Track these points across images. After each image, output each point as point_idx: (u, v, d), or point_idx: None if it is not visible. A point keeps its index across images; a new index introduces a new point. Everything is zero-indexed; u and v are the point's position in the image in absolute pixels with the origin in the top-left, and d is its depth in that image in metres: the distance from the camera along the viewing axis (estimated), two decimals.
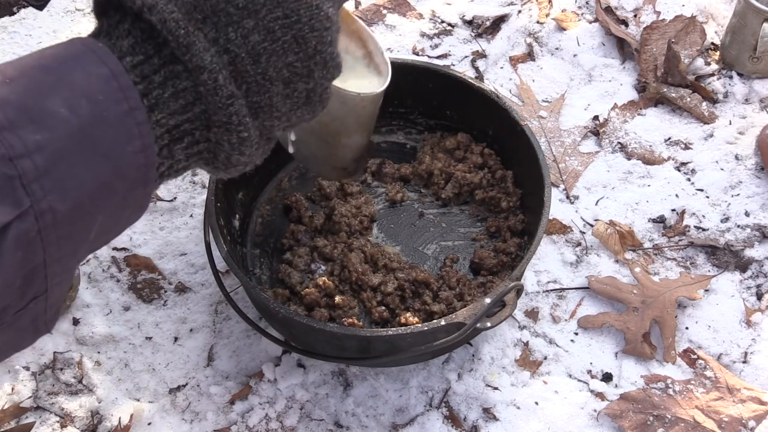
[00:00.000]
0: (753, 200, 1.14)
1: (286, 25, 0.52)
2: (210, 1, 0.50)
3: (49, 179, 0.43)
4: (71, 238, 0.46)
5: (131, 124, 0.47)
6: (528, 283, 1.06)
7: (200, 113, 0.51)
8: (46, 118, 0.43)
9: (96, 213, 0.47)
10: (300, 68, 0.54)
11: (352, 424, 0.95)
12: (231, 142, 0.52)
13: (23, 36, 1.39)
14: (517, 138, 1.04)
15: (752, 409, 0.94)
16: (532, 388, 0.97)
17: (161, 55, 0.49)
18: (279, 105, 0.55)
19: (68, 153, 0.44)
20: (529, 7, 1.43)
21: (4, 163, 0.41)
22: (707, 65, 1.32)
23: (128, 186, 0.48)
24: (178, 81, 0.49)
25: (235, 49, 0.50)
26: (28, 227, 0.42)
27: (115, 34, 0.49)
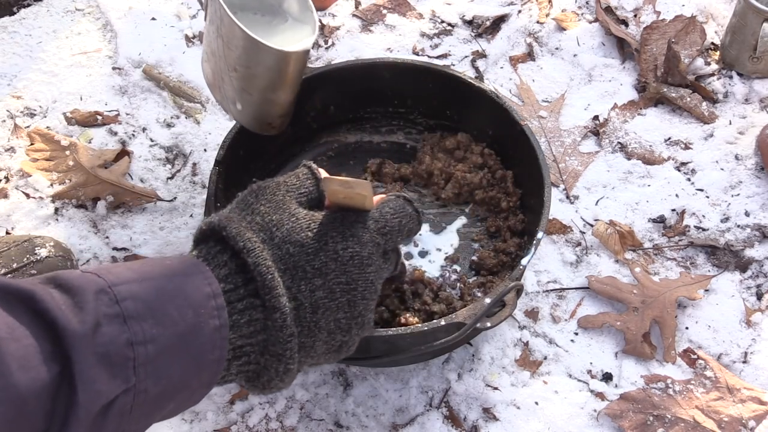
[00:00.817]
0: (753, 200, 1.14)
1: (345, 290, 0.65)
2: (293, 258, 0.63)
3: (151, 366, 0.52)
4: (147, 416, 0.55)
5: (217, 338, 0.57)
6: (528, 283, 1.06)
7: (261, 341, 0.61)
8: (163, 318, 0.54)
9: (170, 401, 0.56)
10: (344, 324, 0.66)
11: (352, 424, 0.95)
12: (278, 370, 0.63)
13: (23, 36, 1.39)
14: (517, 138, 1.03)
15: (752, 409, 0.94)
16: (532, 388, 0.97)
17: (246, 288, 0.60)
18: (318, 348, 0.66)
19: (170, 350, 0.54)
20: (529, 7, 1.43)
21: (127, 346, 0.51)
22: (707, 65, 1.32)
23: (199, 385, 0.58)
24: (254, 312, 0.60)
25: (302, 298, 0.63)
26: (127, 401, 0.51)
27: (214, 262, 0.61)
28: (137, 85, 1.31)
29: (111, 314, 0.51)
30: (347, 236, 0.66)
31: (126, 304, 0.52)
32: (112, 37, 1.39)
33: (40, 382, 0.47)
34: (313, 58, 1.36)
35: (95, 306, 0.51)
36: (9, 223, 1.13)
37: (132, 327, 0.52)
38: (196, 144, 1.24)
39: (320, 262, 0.64)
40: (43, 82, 1.33)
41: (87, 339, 0.49)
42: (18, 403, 0.46)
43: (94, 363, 0.49)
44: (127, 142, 1.24)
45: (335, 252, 0.65)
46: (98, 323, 0.50)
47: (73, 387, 0.48)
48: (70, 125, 1.26)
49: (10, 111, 1.28)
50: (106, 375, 0.50)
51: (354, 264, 0.66)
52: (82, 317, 0.50)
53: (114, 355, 0.50)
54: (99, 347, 0.50)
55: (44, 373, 0.47)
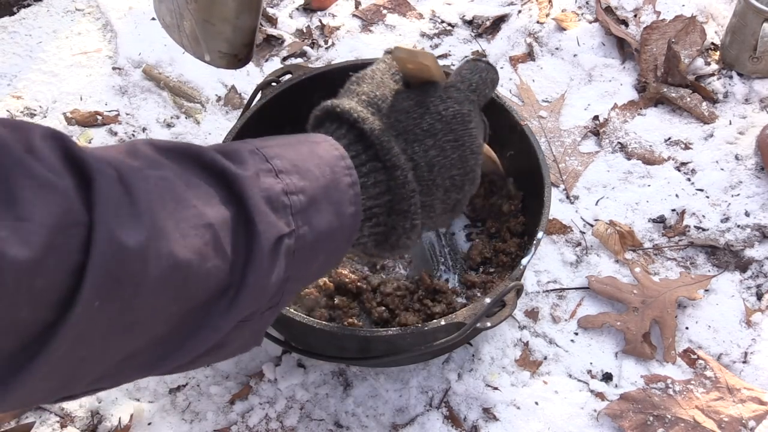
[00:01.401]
0: (753, 200, 1.14)
1: (455, 147, 0.70)
2: (402, 123, 0.68)
3: (304, 215, 0.58)
4: (306, 264, 0.59)
5: (352, 194, 0.62)
6: (528, 283, 1.06)
7: (387, 202, 0.67)
8: (307, 173, 0.59)
9: (321, 252, 0.61)
10: (458, 181, 0.71)
11: (352, 424, 0.95)
12: (404, 227, 0.68)
13: (23, 36, 1.40)
14: (517, 138, 1.03)
15: (752, 409, 0.94)
16: (532, 388, 0.97)
17: (367, 153, 0.66)
18: (436, 207, 0.71)
19: (316, 201, 0.59)
20: (529, 7, 1.43)
21: (283, 194, 0.56)
22: (707, 65, 1.32)
23: (342, 238, 0.63)
24: (377, 175, 0.66)
25: (417, 159, 0.68)
26: (291, 244, 0.56)
27: (336, 135, 0.66)
28: (137, 85, 1.31)
29: (265, 169, 0.57)
30: (445, 99, 0.71)
31: (275, 161, 0.58)
32: (112, 37, 1.39)
33: (224, 216, 0.52)
34: (313, 58, 1.36)
35: (252, 162, 0.56)
36: None
37: (284, 179, 0.57)
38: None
39: (427, 124, 0.69)
40: (43, 82, 1.33)
41: (254, 182, 0.55)
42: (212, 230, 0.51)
43: (264, 202, 0.55)
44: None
45: (438, 113, 0.70)
46: (257, 173, 0.56)
47: (251, 221, 0.53)
48: (70, 125, 1.26)
49: (10, 111, 1.28)
50: (274, 216, 0.55)
51: (457, 121, 0.71)
52: (245, 168, 0.55)
53: (275, 200, 0.56)
54: (263, 192, 0.55)
55: (225, 210, 0.52)
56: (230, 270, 0.52)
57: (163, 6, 0.95)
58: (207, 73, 1.32)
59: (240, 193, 0.54)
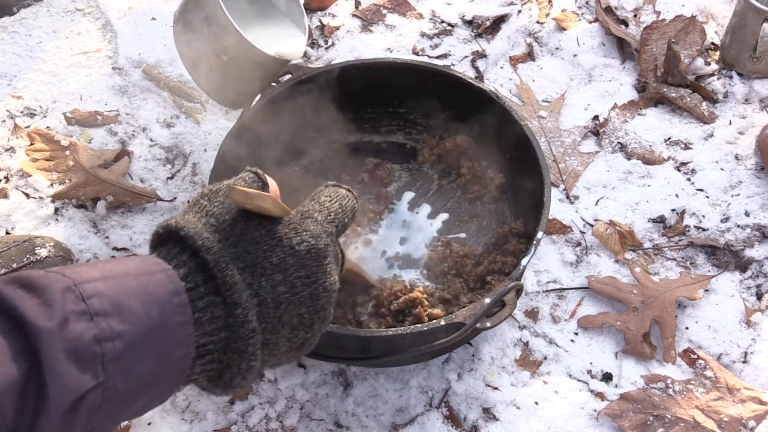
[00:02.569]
0: (753, 200, 1.14)
1: (306, 283, 0.65)
2: (251, 255, 0.63)
3: (120, 363, 0.53)
4: (117, 413, 0.55)
5: (182, 335, 0.58)
6: (528, 283, 1.06)
7: (223, 338, 0.61)
8: (129, 314, 0.54)
9: (140, 398, 0.56)
10: (307, 319, 0.66)
11: (352, 424, 0.95)
12: (240, 367, 0.63)
13: (23, 36, 1.40)
14: (517, 138, 1.03)
15: (752, 409, 0.94)
16: (532, 388, 0.97)
17: (206, 286, 0.60)
18: (281, 345, 0.66)
19: (137, 346, 0.54)
20: (529, 7, 1.43)
21: (94, 342, 0.51)
22: (707, 65, 1.32)
23: (167, 383, 0.58)
24: (216, 309, 0.60)
25: (264, 294, 0.63)
26: (96, 397, 0.52)
27: (174, 262, 0.61)
28: (137, 85, 1.31)
29: (78, 311, 0.52)
30: (299, 231, 0.67)
31: (92, 301, 0.53)
32: (112, 37, 1.39)
33: (9, 378, 0.47)
34: (313, 58, 1.36)
35: (62, 303, 0.51)
36: (9, 223, 1.13)
37: (99, 323, 0.52)
38: (196, 144, 1.24)
39: (278, 258, 0.64)
40: (43, 82, 1.33)
41: (55, 335, 0.50)
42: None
43: (64, 358, 0.50)
44: (127, 142, 1.24)
45: (291, 247, 0.65)
46: (66, 320, 0.51)
47: (42, 382, 0.49)
48: (70, 125, 1.26)
49: (10, 111, 1.28)
50: (76, 371, 0.50)
51: (311, 257, 0.66)
52: (50, 314, 0.50)
53: (82, 352, 0.51)
54: (67, 343, 0.50)
55: (13, 369, 0.48)
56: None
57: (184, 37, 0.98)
58: None
59: (36, 348, 0.49)
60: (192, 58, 0.99)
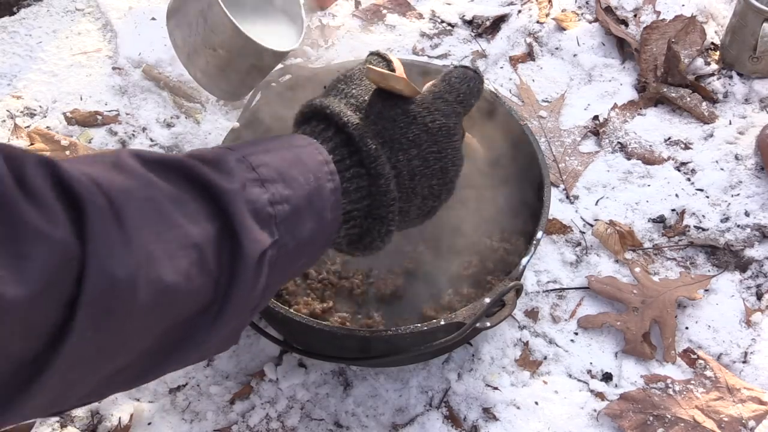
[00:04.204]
0: (753, 200, 1.14)
1: (438, 158, 0.71)
2: (389, 131, 0.69)
3: (288, 224, 0.59)
4: (286, 269, 0.61)
5: (333, 200, 0.64)
6: (528, 283, 1.06)
7: (365, 206, 0.68)
8: (291, 181, 0.60)
9: (302, 255, 0.62)
10: (436, 190, 0.73)
11: (352, 424, 0.95)
12: (380, 232, 0.69)
13: (23, 36, 1.40)
14: (516, 138, 1.03)
15: (752, 409, 0.94)
16: (532, 388, 0.97)
17: (351, 159, 0.66)
18: (413, 213, 0.72)
19: (300, 209, 0.60)
20: (529, 7, 1.43)
21: (269, 205, 0.57)
22: (707, 65, 1.32)
23: (322, 242, 0.65)
24: (360, 180, 0.66)
25: (400, 167, 0.69)
26: (274, 254, 0.57)
27: (321, 137, 0.67)
28: (137, 85, 1.31)
29: (251, 178, 0.57)
30: (432, 110, 0.71)
31: (261, 170, 0.58)
32: (112, 37, 1.39)
33: (209, 233, 0.53)
34: (313, 58, 1.36)
35: (239, 171, 0.57)
36: None
37: (269, 188, 0.58)
38: (196, 144, 1.24)
39: (413, 134, 0.70)
40: (43, 82, 1.33)
41: (240, 196, 0.55)
42: (197, 250, 0.51)
43: (249, 217, 0.55)
44: (127, 142, 1.24)
45: (425, 124, 0.70)
46: (244, 184, 0.56)
47: (236, 237, 0.54)
48: (70, 125, 1.26)
49: (10, 111, 1.28)
50: (258, 228, 0.56)
51: (443, 134, 0.71)
52: (231, 179, 0.56)
53: (261, 212, 0.56)
54: (249, 204, 0.56)
55: (210, 227, 0.53)
56: (215, 287, 0.53)
57: (179, 32, 0.99)
58: None
59: (226, 208, 0.54)
60: (187, 52, 0.99)
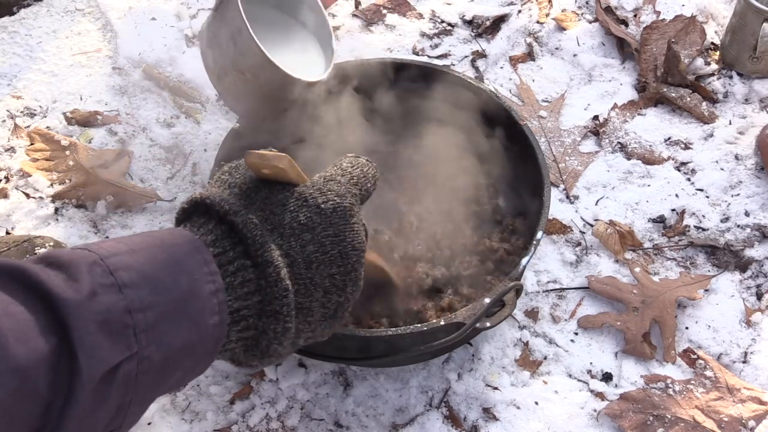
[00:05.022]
0: (753, 200, 1.14)
1: (335, 242, 0.66)
2: (278, 217, 0.64)
3: (153, 333, 0.53)
4: (155, 385, 0.55)
5: (214, 303, 0.58)
6: (528, 283, 1.06)
7: (257, 303, 0.61)
8: (158, 285, 0.54)
9: (176, 369, 0.57)
10: (338, 281, 0.66)
11: (352, 423, 0.95)
12: (276, 331, 0.63)
13: (23, 36, 1.40)
14: (516, 138, 1.03)
15: (752, 409, 0.94)
16: (532, 388, 0.97)
17: (235, 250, 0.61)
18: (315, 311, 0.66)
19: (169, 315, 0.54)
20: (529, 7, 1.43)
21: (125, 313, 0.51)
22: (707, 65, 1.32)
23: (203, 352, 0.59)
24: (246, 273, 0.61)
25: (294, 254, 0.63)
26: (131, 369, 0.52)
27: (202, 231, 0.62)
28: (137, 85, 1.32)
29: (106, 284, 0.52)
30: (324, 191, 0.67)
31: (120, 274, 0.53)
32: (112, 37, 1.39)
33: (40, 353, 0.47)
34: None
35: (90, 277, 0.51)
36: (9, 223, 1.13)
37: (128, 295, 0.52)
38: (196, 144, 1.24)
39: (305, 218, 0.65)
40: (43, 82, 1.33)
41: (84, 307, 0.50)
42: (20, 375, 0.46)
43: (94, 330, 0.50)
44: (127, 142, 1.24)
45: (317, 206, 0.66)
46: (94, 292, 0.51)
47: (74, 355, 0.48)
48: (70, 125, 1.26)
49: (10, 111, 1.28)
50: (107, 342, 0.50)
51: (338, 215, 0.66)
52: (78, 287, 0.50)
53: (113, 322, 0.51)
54: (97, 315, 0.50)
55: (43, 344, 0.48)
56: (44, 412, 0.48)
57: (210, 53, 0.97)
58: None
59: (64, 321, 0.49)
60: (217, 73, 0.97)
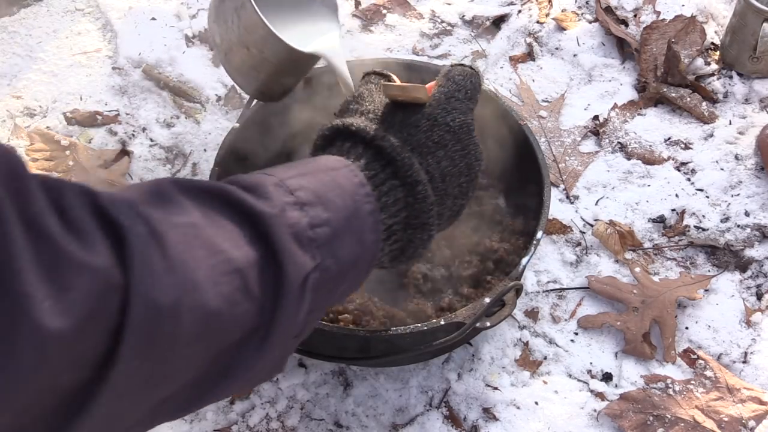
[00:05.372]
0: (753, 200, 1.14)
1: (462, 155, 0.72)
2: (414, 137, 0.69)
3: (329, 247, 0.58)
4: (330, 294, 0.61)
5: (372, 221, 0.63)
6: (528, 283, 1.06)
7: (404, 218, 0.67)
8: (330, 204, 0.60)
9: (344, 281, 0.62)
10: (464, 187, 0.73)
11: (352, 423, 0.95)
12: (422, 239, 0.69)
13: (23, 36, 1.40)
14: (516, 138, 1.03)
15: (752, 409, 0.94)
16: (532, 388, 0.97)
17: (385, 171, 0.66)
18: (446, 214, 0.73)
19: (340, 231, 0.59)
20: (529, 7, 1.43)
21: (309, 228, 0.57)
22: (707, 65, 1.32)
23: (363, 266, 0.64)
24: (396, 192, 0.66)
25: (432, 170, 0.69)
26: (316, 277, 0.56)
27: (352, 155, 0.67)
28: (137, 85, 1.31)
29: (290, 202, 0.57)
30: (450, 110, 0.72)
31: (299, 193, 0.58)
32: (112, 37, 1.39)
33: (252, 258, 0.52)
34: None
35: (277, 195, 0.56)
36: None
37: (308, 212, 0.57)
38: (196, 144, 1.24)
39: (437, 136, 0.70)
40: (43, 82, 1.33)
41: (280, 220, 0.55)
42: (240, 275, 0.51)
43: (290, 240, 0.55)
44: (127, 142, 1.24)
45: (446, 124, 0.71)
46: (283, 208, 0.56)
47: (278, 262, 0.53)
48: (70, 125, 1.26)
49: (10, 111, 1.28)
50: (300, 252, 0.55)
51: (464, 131, 0.72)
52: (271, 204, 0.55)
53: (302, 236, 0.56)
54: (290, 228, 0.55)
55: (253, 251, 0.52)
56: (259, 312, 0.52)
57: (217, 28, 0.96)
58: (207, 73, 1.32)
59: (267, 233, 0.54)
60: (224, 49, 0.97)
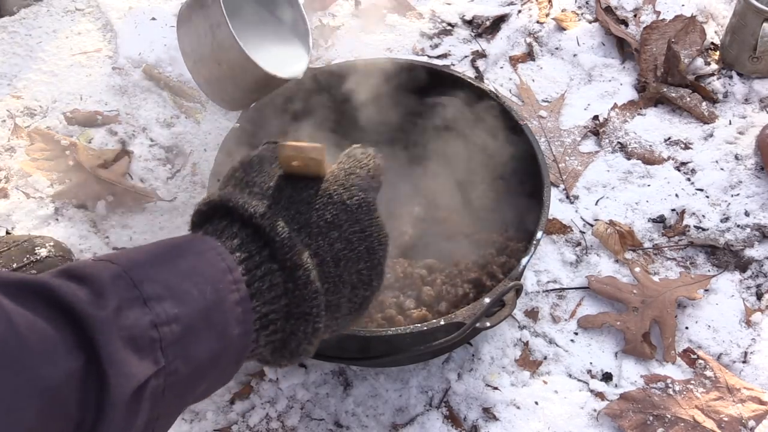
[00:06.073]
0: (753, 200, 1.15)
1: (361, 238, 0.64)
2: (304, 216, 0.62)
3: (179, 346, 0.52)
4: (181, 398, 0.55)
5: (239, 312, 0.56)
6: (528, 283, 1.06)
7: (284, 306, 0.60)
8: (183, 296, 0.53)
9: (202, 380, 0.56)
10: (365, 275, 0.65)
11: (352, 423, 0.95)
12: (305, 332, 0.61)
13: (23, 36, 1.40)
14: (516, 138, 1.03)
15: (752, 409, 0.94)
16: (532, 388, 0.97)
17: (261, 254, 0.59)
18: (343, 306, 0.65)
19: (195, 328, 0.53)
20: (529, 7, 1.43)
21: (151, 328, 0.50)
22: (707, 65, 1.32)
23: (228, 362, 0.58)
24: (273, 277, 0.59)
25: (322, 253, 0.62)
26: (159, 383, 0.51)
27: (224, 236, 0.59)
28: (137, 85, 1.32)
29: (131, 298, 0.51)
30: (348, 186, 0.65)
31: (143, 286, 0.52)
32: (112, 37, 1.39)
33: (68, 371, 0.46)
34: (313, 58, 1.36)
35: (114, 291, 0.50)
36: (9, 223, 1.13)
37: (153, 308, 0.51)
38: (196, 144, 1.24)
39: (331, 215, 0.63)
40: (43, 82, 1.33)
41: (111, 323, 0.49)
42: (49, 395, 0.45)
43: (121, 347, 0.49)
44: (127, 142, 1.24)
45: (342, 202, 0.64)
46: (119, 307, 0.50)
47: (102, 372, 0.47)
48: (70, 125, 1.26)
49: (10, 111, 1.28)
50: (135, 358, 0.49)
51: (363, 211, 0.65)
52: (103, 303, 0.49)
53: (140, 338, 0.50)
54: (123, 331, 0.49)
55: (71, 362, 0.47)
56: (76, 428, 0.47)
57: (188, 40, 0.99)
58: None
59: (92, 338, 0.48)
60: (194, 59, 0.99)
